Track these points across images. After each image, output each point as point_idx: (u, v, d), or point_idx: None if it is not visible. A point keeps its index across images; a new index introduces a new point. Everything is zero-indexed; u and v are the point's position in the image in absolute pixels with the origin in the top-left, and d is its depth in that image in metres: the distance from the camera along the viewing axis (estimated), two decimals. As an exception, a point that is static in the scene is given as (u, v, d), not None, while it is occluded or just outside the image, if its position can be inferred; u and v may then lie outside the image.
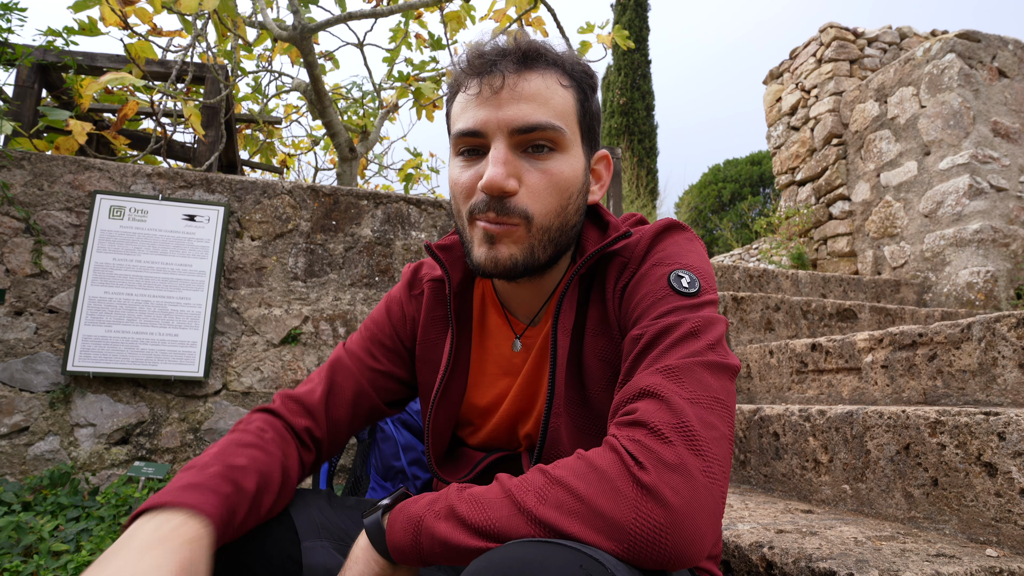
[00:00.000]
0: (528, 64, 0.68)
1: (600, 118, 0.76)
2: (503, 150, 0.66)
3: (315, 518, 0.74)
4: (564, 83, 0.69)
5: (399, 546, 0.55)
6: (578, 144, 0.71)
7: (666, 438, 0.51)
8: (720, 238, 12.37)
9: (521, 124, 0.66)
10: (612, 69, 13.71)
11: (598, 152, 0.77)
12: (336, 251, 2.58)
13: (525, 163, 0.67)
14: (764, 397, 1.90)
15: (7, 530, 1.68)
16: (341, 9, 3.85)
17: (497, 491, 0.53)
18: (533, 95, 0.67)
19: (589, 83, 0.73)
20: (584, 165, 0.72)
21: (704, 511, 0.49)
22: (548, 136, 0.67)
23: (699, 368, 0.57)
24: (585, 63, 0.74)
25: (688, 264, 0.68)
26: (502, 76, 0.66)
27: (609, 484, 0.49)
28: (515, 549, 0.46)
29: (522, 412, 0.78)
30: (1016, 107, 3.86)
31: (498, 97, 0.66)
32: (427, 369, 0.83)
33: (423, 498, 0.57)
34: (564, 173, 0.68)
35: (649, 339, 0.61)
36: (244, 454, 0.67)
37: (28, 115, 2.84)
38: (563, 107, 0.69)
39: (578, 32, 3.93)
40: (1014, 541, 0.82)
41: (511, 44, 0.69)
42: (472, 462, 0.81)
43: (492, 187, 0.65)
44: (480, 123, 0.67)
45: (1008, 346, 1.19)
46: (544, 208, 0.67)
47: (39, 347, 2.22)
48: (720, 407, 0.56)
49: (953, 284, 3.72)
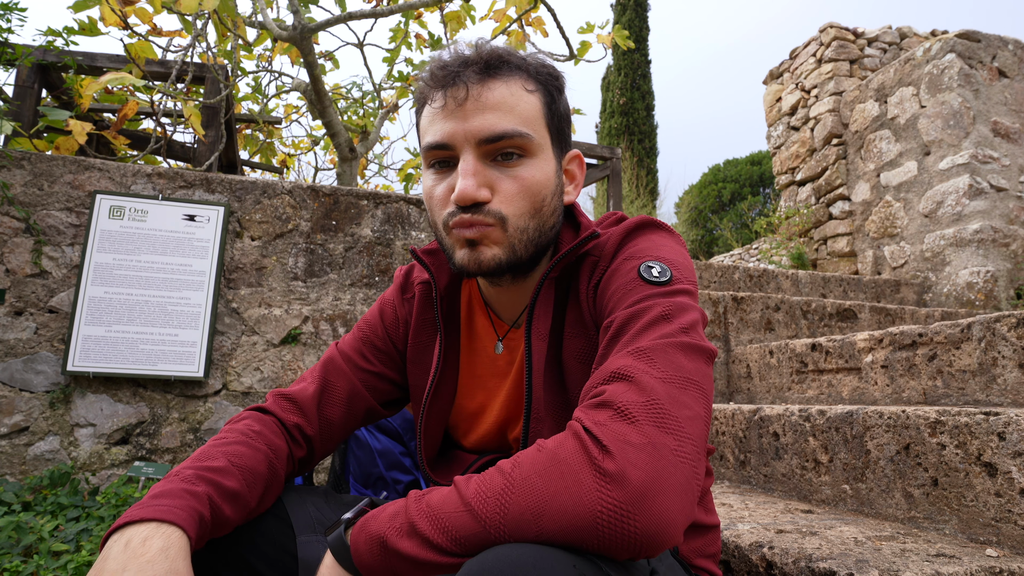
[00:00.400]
0: (491, 72, 0.67)
1: (570, 119, 0.76)
2: (472, 161, 0.66)
3: (311, 513, 0.75)
4: (529, 88, 0.69)
5: (367, 565, 0.54)
6: (548, 147, 0.71)
7: (632, 417, 0.49)
8: (720, 238, 12.37)
9: (488, 134, 0.65)
10: (612, 69, 13.71)
11: (570, 152, 0.77)
12: (336, 251, 2.58)
13: (496, 171, 0.67)
14: (764, 397, 1.90)
15: (7, 530, 1.68)
16: (341, 9, 3.85)
17: (456, 502, 0.51)
18: (498, 103, 0.66)
19: (555, 85, 0.72)
20: (555, 167, 0.72)
21: (671, 489, 0.46)
22: (516, 143, 0.67)
23: (672, 349, 0.56)
24: (550, 65, 0.73)
25: (660, 256, 0.68)
26: (465, 87, 0.66)
27: (572, 477, 0.47)
28: (507, 551, 0.46)
29: (510, 416, 0.78)
30: (1016, 107, 3.86)
31: (463, 108, 0.66)
32: (418, 371, 0.83)
33: (384, 511, 0.55)
34: (535, 177, 0.68)
35: (620, 324, 0.60)
36: (223, 452, 0.67)
37: (28, 115, 2.84)
38: (529, 112, 0.68)
39: (578, 32, 3.93)
40: (1014, 541, 0.82)
41: (473, 53, 0.68)
42: (464, 464, 0.81)
43: (464, 199, 0.65)
44: (447, 136, 0.67)
45: (1008, 346, 1.19)
46: (518, 211, 0.68)
47: (39, 347, 2.22)
48: (694, 387, 0.54)
49: (953, 284, 3.72)
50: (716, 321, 2.23)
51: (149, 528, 0.55)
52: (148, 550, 0.53)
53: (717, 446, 1.48)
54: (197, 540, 0.58)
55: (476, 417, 0.81)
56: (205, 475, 0.63)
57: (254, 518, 0.71)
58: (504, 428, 0.79)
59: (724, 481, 1.43)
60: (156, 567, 0.51)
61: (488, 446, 0.81)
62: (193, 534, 0.57)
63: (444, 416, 0.82)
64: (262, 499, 0.70)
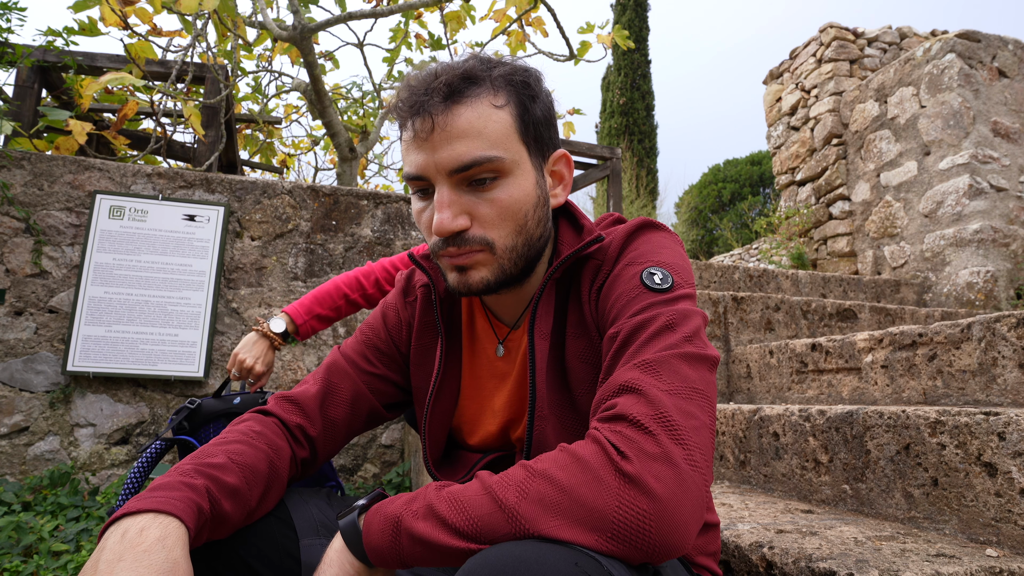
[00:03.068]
0: (455, 97, 0.65)
1: (550, 118, 0.73)
2: (446, 192, 0.66)
3: (314, 516, 0.75)
4: (498, 103, 0.67)
5: (376, 547, 0.54)
6: (525, 160, 0.69)
7: (648, 429, 0.51)
8: (720, 238, 12.37)
9: (456, 165, 0.65)
10: (612, 69, 13.71)
11: (555, 153, 0.74)
12: (336, 251, 2.58)
13: (472, 197, 0.67)
14: (764, 397, 1.90)
15: (7, 530, 1.68)
16: (341, 9, 3.85)
17: (477, 488, 0.52)
18: (465, 131, 0.65)
19: (528, 92, 0.70)
20: (535, 179, 0.70)
21: (689, 499, 0.49)
22: (487, 168, 0.65)
23: (676, 360, 0.57)
24: (522, 69, 0.70)
25: (661, 261, 0.68)
26: (431, 118, 0.65)
27: (592, 474, 0.49)
28: (511, 548, 0.46)
29: (513, 416, 0.78)
30: (1016, 107, 3.86)
31: (431, 139, 0.65)
32: (421, 374, 0.84)
33: (400, 498, 0.57)
34: (514, 197, 0.67)
35: (625, 336, 0.61)
36: (223, 450, 0.68)
37: (28, 115, 2.84)
38: (499, 132, 0.66)
39: (578, 32, 3.93)
40: (1014, 541, 0.82)
41: (435, 81, 0.67)
42: (469, 464, 0.82)
43: (441, 232, 0.65)
44: (420, 168, 0.67)
45: (1008, 346, 1.19)
46: (502, 233, 0.67)
47: (39, 347, 2.22)
48: (699, 397, 0.56)
49: (953, 284, 3.72)
50: (716, 321, 2.23)
51: (146, 518, 0.54)
52: (145, 540, 0.52)
53: (717, 446, 1.48)
54: (196, 533, 0.58)
55: (479, 418, 0.81)
56: (204, 470, 0.63)
57: (255, 520, 0.70)
58: (507, 428, 0.79)
59: (724, 481, 1.43)
60: (153, 556, 0.51)
61: (491, 446, 0.82)
62: (192, 525, 0.56)
63: (447, 418, 0.82)
64: (263, 499, 0.69)
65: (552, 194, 0.75)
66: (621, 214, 0.82)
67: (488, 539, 0.49)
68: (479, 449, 0.83)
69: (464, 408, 0.83)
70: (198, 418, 1.30)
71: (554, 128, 0.74)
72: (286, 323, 1.46)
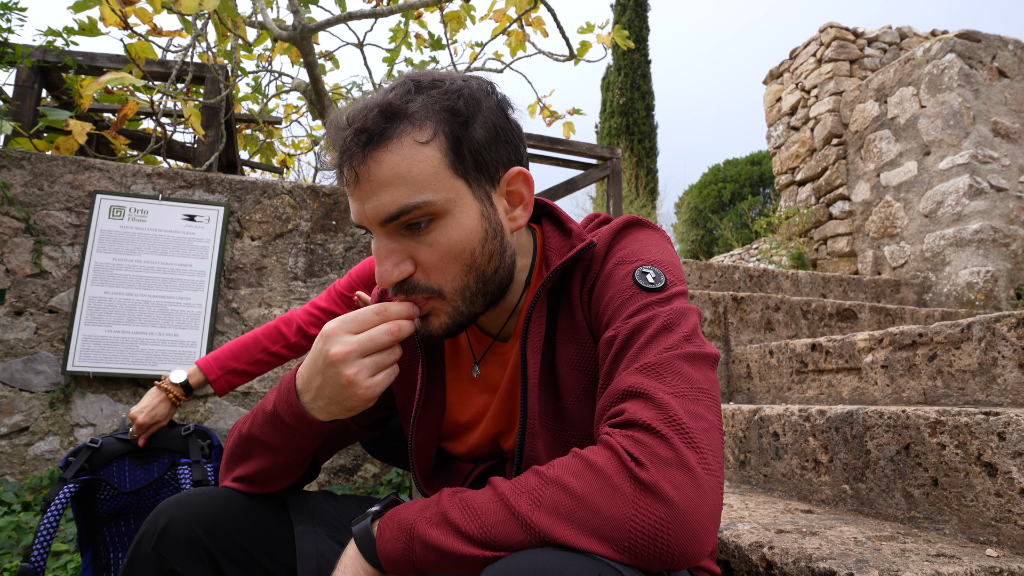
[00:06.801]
0: (376, 142, 0.60)
1: (498, 134, 0.66)
2: (383, 242, 0.63)
3: (311, 506, 0.76)
4: (422, 139, 0.61)
5: (390, 554, 0.54)
6: (463, 195, 0.63)
7: (661, 433, 0.50)
8: (720, 238, 12.37)
9: (384, 216, 0.61)
10: (612, 69, 13.71)
11: (507, 173, 0.67)
12: (336, 251, 2.58)
13: (411, 241, 0.63)
14: (764, 397, 1.90)
15: (7, 530, 1.68)
16: (341, 9, 3.85)
17: (490, 495, 0.52)
18: (388, 179, 0.60)
19: (458, 119, 0.63)
20: (479, 212, 0.64)
21: (706, 505, 0.48)
22: (416, 215, 0.61)
23: (678, 361, 0.57)
24: (454, 90, 0.64)
25: (651, 259, 0.67)
26: (353, 170, 0.61)
27: (606, 481, 0.48)
28: (532, 556, 0.46)
29: (502, 428, 0.77)
30: (1016, 107, 3.86)
31: (358, 190, 0.62)
32: (404, 390, 0.82)
33: (414, 504, 0.56)
34: (453, 238, 0.63)
35: (623, 339, 0.60)
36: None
37: (28, 115, 2.84)
38: (427, 172, 0.61)
39: (578, 32, 3.93)
40: (1014, 541, 0.82)
41: (349, 128, 0.62)
42: (462, 474, 0.81)
43: (385, 284, 0.63)
44: (356, 217, 0.64)
45: (1008, 346, 1.19)
46: (447, 277, 0.64)
47: (39, 347, 2.22)
48: (706, 397, 0.55)
49: (953, 284, 3.72)
50: (716, 321, 2.23)
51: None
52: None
53: (717, 446, 1.47)
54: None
55: (467, 430, 0.80)
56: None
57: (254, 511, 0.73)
58: (497, 439, 0.78)
59: (724, 481, 1.43)
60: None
61: (483, 455, 0.80)
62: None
63: (434, 434, 0.80)
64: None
65: (510, 217, 0.69)
66: (609, 215, 0.80)
67: (502, 547, 0.49)
68: (470, 459, 0.82)
69: (452, 419, 0.81)
70: (99, 458, 1.34)
71: (507, 144, 0.67)
72: (189, 374, 1.38)
